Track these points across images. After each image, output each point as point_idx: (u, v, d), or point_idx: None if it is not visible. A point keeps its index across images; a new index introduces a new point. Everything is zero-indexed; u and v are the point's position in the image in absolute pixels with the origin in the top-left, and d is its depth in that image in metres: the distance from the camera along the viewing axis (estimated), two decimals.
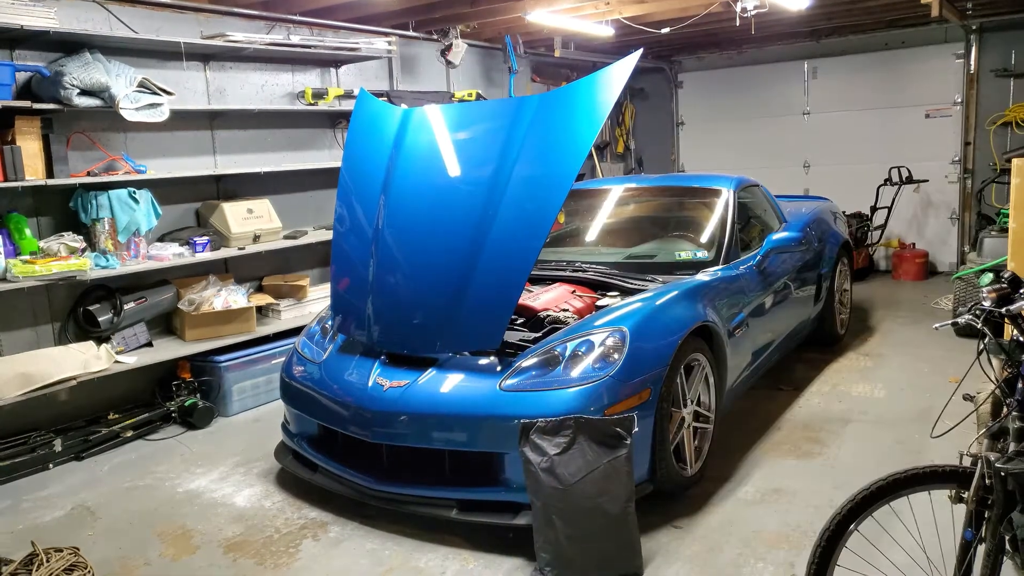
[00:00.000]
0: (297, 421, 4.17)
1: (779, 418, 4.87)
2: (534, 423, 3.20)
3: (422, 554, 3.45)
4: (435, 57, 7.72)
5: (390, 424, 3.59)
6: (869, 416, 4.84)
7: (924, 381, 5.42)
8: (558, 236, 5.47)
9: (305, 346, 4.33)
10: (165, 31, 5.52)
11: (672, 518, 3.64)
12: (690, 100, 10.93)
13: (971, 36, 8.73)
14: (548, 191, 3.76)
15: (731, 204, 5.15)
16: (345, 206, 4.38)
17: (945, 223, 9.32)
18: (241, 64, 6.17)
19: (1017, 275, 2.36)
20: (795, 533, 3.46)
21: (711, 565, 3.26)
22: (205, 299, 5.46)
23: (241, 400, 5.51)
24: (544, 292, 4.35)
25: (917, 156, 9.06)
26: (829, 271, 6.03)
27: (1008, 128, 8.65)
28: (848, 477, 3.94)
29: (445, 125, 4.33)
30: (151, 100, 5.04)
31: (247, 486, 4.27)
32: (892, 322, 7.10)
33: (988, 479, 2.08)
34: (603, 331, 3.64)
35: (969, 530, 2.15)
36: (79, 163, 5.10)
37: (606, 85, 3.85)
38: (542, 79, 9.65)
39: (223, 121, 6.03)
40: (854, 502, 2.30)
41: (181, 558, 3.52)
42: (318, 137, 6.86)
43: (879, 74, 9.36)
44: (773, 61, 10.08)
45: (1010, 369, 2.35)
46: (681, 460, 3.81)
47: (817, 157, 9.94)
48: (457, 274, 3.83)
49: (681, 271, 4.61)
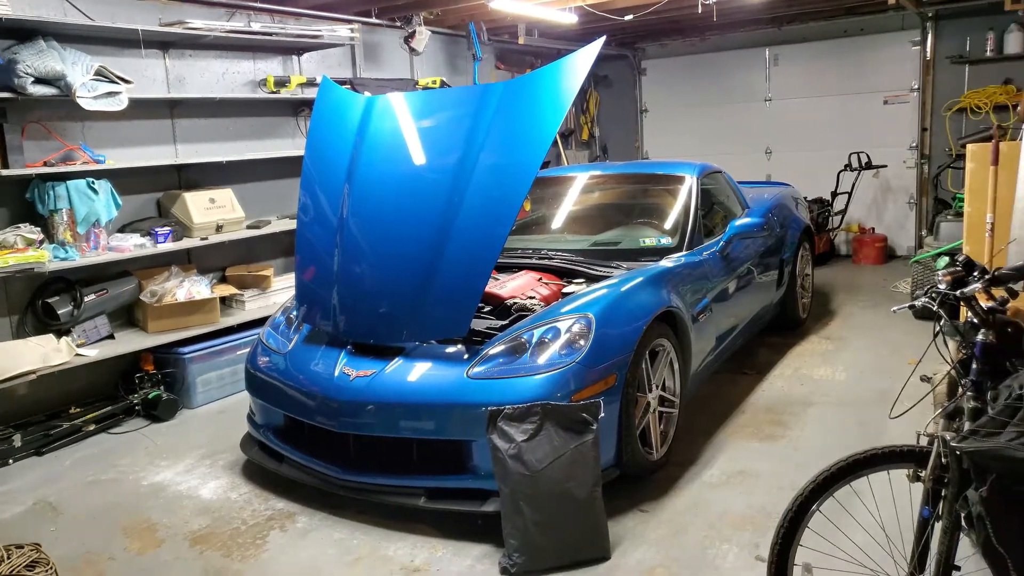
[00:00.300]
0: (263, 412, 4.14)
1: (743, 402, 4.94)
2: (501, 410, 3.22)
3: (390, 543, 3.45)
4: (399, 44, 7.67)
5: (357, 414, 3.58)
6: (830, 398, 4.92)
7: (883, 363, 5.52)
8: (524, 224, 5.47)
9: (270, 336, 4.30)
10: (122, 18, 5.40)
11: (638, 502, 3.68)
12: (653, 87, 10.97)
13: (927, 23, 8.86)
14: (513, 179, 3.77)
15: (694, 191, 5.19)
16: (309, 195, 4.34)
17: (903, 208, 9.48)
18: (201, 52, 6.08)
19: (971, 259, 2.42)
20: (759, 515, 3.52)
21: (677, 547, 3.30)
22: (167, 290, 5.39)
23: (206, 392, 5.46)
24: (510, 280, 4.36)
25: (876, 142, 9.20)
26: (791, 256, 6.12)
27: (963, 114, 8.80)
28: (810, 458, 4.01)
29: (409, 113, 4.31)
30: (109, 88, 4.95)
31: (213, 478, 4.24)
32: (853, 306, 7.21)
33: (944, 458, 2.13)
34: (569, 318, 3.66)
35: (926, 508, 2.20)
36: (35, 153, 4.99)
37: (570, 72, 3.86)
38: (506, 67, 9.62)
39: (184, 110, 5.94)
40: (816, 483, 2.35)
41: (147, 552, 3.49)
42: (281, 125, 6.78)
43: (839, 61, 9.47)
44: (735, 48, 10.15)
45: (964, 350, 2.41)
46: (647, 444, 3.85)
47: (779, 143, 10.04)
48: (423, 263, 3.82)
49: (646, 257, 4.64)
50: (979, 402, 2.31)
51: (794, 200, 6.84)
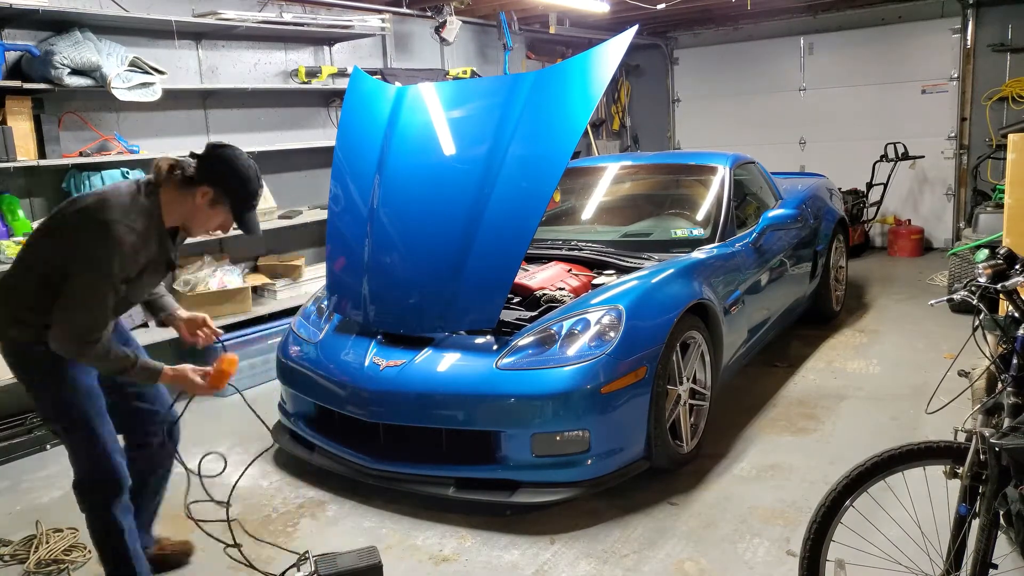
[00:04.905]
0: (294, 401, 4.17)
1: (775, 395, 4.89)
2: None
3: (419, 532, 3.46)
4: (429, 34, 7.66)
5: (387, 403, 3.59)
6: (864, 392, 4.86)
7: (919, 357, 5.43)
8: (554, 214, 5.46)
9: (301, 326, 4.32)
10: (156, 9, 5.46)
11: (668, 495, 3.66)
12: (686, 77, 10.87)
13: (968, 10, 8.67)
14: (544, 169, 3.76)
15: (727, 182, 5.13)
16: (340, 186, 4.36)
17: (941, 199, 9.31)
18: (234, 42, 6.12)
19: (1012, 251, 2.36)
20: (790, 509, 3.49)
21: (707, 541, 3.28)
22: (200, 279, 5.45)
23: (238, 380, 5.44)
24: (540, 271, 4.35)
25: (913, 132, 9.03)
26: (825, 248, 6.03)
27: (1004, 103, 8.61)
28: (843, 453, 3.96)
29: (440, 103, 4.31)
30: (143, 79, 5.00)
31: (244, 466, 4.27)
32: (887, 298, 7.11)
33: (983, 455, 2.09)
34: (599, 309, 3.64)
35: (964, 505, 2.16)
36: (71, 143, 5.06)
37: (602, 62, 3.83)
38: (537, 56, 9.58)
39: (216, 100, 5.99)
40: (849, 478, 2.31)
41: (179, 537, 3.53)
42: (312, 116, 6.81)
43: (875, 49, 9.31)
44: (769, 37, 10.01)
45: (1005, 345, 2.36)
46: (677, 437, 3.82)
47: (813, 134, 9.90)
48: (453, 253, 3.82)
49: (677, 249, 4.60)
50: (1019, 398, 2.26)
51: (828, 191, 6.74)
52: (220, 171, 2.66)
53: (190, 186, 2.65)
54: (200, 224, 2.76)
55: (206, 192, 2.65)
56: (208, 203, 2.67)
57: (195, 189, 2.65)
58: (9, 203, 4.73)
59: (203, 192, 2.65)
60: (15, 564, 3.35)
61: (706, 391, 4.05)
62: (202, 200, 2.66)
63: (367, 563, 2.89)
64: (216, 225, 2.78)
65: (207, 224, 2.77)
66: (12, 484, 4.21)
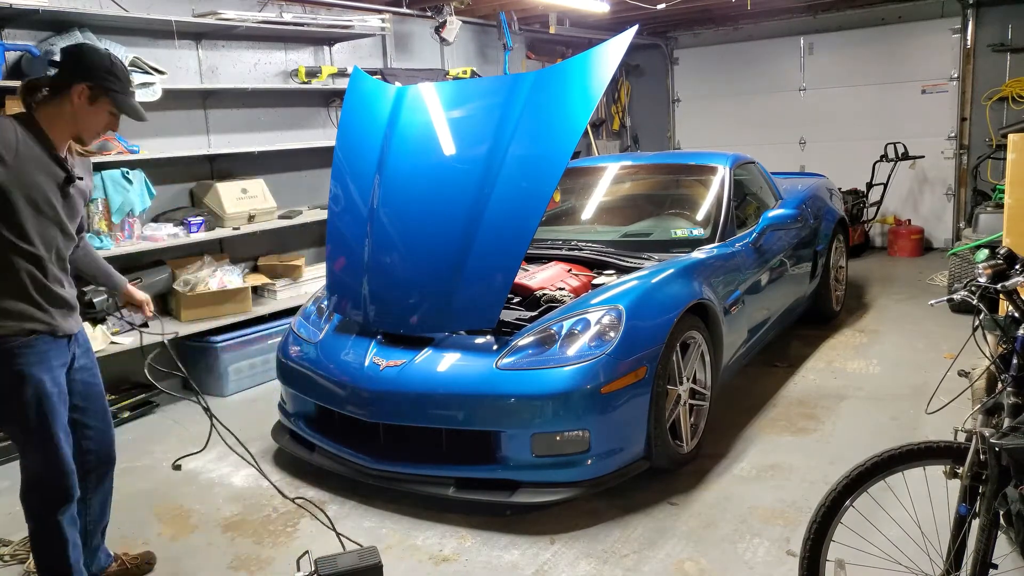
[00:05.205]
0: (294, 401, 4.17)
1: (775, 395, 4.89)
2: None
3: (419, 532, 3.47)
4: (429, 34, 7.66)
5: (387, 403, 3.59)
6: (864, 392, 4.86)
7: (919, 357, 5.43)
8: (554, 214, 5.46)
9: (301, 326, 4.32)
10: (156, 9, 5.45)
11: (668, 495, 3.66)
12: (686, 77, 10.87)
13: (968, 10, 8.67)
14: (544, 169, 3.75)
15: (727, 182, 5.13)
16: (340, 186, 4.36)
17: (941, 199, 9.31)
18: (234, 42, 6.12)
19: (1013, 251, 2.36)
20: (790, 509, 3.49)
21: (707, 541, 3.28)
22: (201, 279, 5.45)
23: (238, 380, 5.52)
24: (540, 271, 4.35)
25: (913, 132, 9.03)
26: (825, 248, 6.03)
27: (1004, 103, 8.61)
28: (843, 453, 3.96)
29: (440, 103, 4.31)
30: (143, 79, 5.00)
31: (244, 466, 4.25)
32: (887, 298, 7.11)
33: (983, 454, 2.09)
34: (599, 309, 3.64)
35: (964, 505, 2.16)
36: None
37: (602, 62, 3.83)
38: (537, 56, 9.58)
39: (216, 100, 5.99)
40: (849, 478, 2.31)
41: (179, 537, 3.54)
42: (312, 116, 6.81)
43: (875, 49, 9.31)
44: (769, 37, 10.01)
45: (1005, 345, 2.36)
46: (677, 437, 3.82)
47: (813, 133, 9.90)
48: (453, 253, 3.82)
49: (677, 249, 4.60)
50: (1019, 398, 2.26)
51: (828, 191, 6.74)
52: (86, 64, 2.59)
53: (62, 92, 2.57)
54: (88, 126, 2.66)
55: (81, 91, 2.56)
56: (87, 100, 2.59)
57: (69, 93, 2.57)
58: None
59: (78, 92, 2.56)
60: (15, 564, 3.35)
61: (706, 391, 4.05)
62: (80, 99, 2.58)
63: (367, 563, 2.89)
64: (104, 124, 2.70)
65: (95, 124, 2.67)
66: (12, 484, 4.19)
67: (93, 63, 2.61)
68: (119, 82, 2.65)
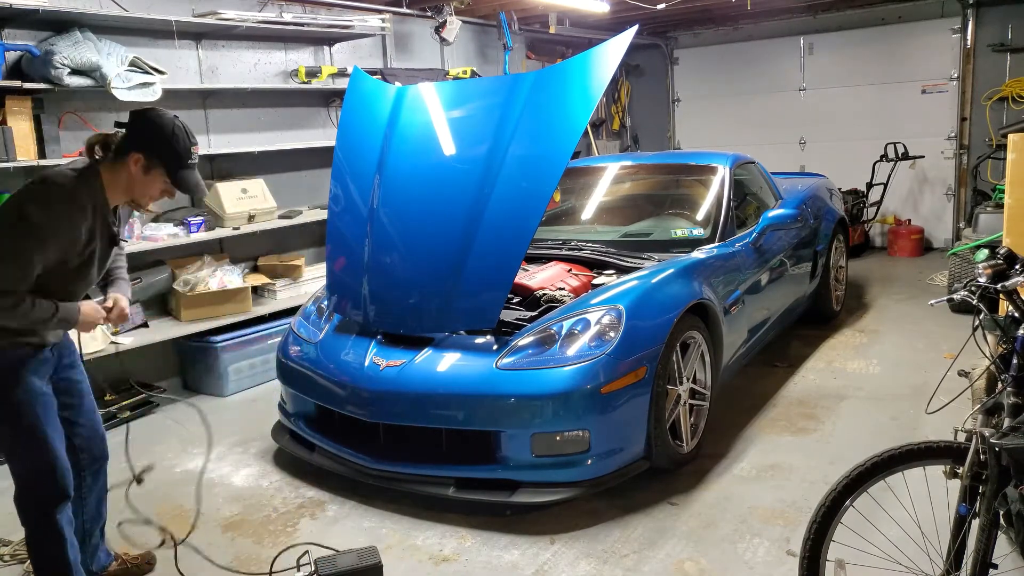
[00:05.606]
0: (294, 401, 4.17)
1: (775, 395, 4.89)
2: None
3: (419, 532, 3.46)
4: (429, 34, 7.66)
5: (387, 403, 3.59)
6: (864, 392, 4.85)
7: (919, 357, 5.43)
8: (554, 214, 5.46)
9: (301, 326, 4.32)
10: (156, 9, 5.45)
11: (668, 495, 3.66)
12: (686, 77, 10.87)
13: (968, 10, 8.67)
14: (544, 169, 3.76)
15: (727, 181, 5.13)
16: (340, 186, 4.36)
17: (941, 199, 9.31)
18: (234, 42, 6.12)
19: (1013, 251, 2.36)
20: (790, 509, 3.49)
21: (707, 541, 3.28)
22: (200, 279, 5.45)
23: (238, 380, 5.51)
24: (540, 271, 4.35)
25: (913, 132, 9.03)
26: (825, 248, 6.03)
27: (1004, 103, 8.61)
28: (843, 453, 3.96)
29: (440, 103, 4.31)
30: (143, 79, 4.99)
31: (244, 466, 4.28)
32: (887, 298, 7.11)
33: (983, 454, 2.09)
34: (599, 309, 3.64)
35: (964, 505, 2.16)
36: (71, 143, 5.06)
37: (602, 62, 3.83)
38: (537, 56, 9.58)
39: (216, 100, 5.98)
40: (849, 478, 2.31)
41: (180, 537, 3.53)
42: (312, 116, 6.81)
43: (875, 49, 9.30)
44: (769, 37, 10.01)
45: (1005, 345, 2.36)
46: (677, 437, 3.82)
47: (813, 133, 9.90)
48: (453, 253, 3.82)
49: (677, 249, 4.60)
50: (1019, 398, 2.26)
51: (828, 191, 6.74)
52: (145, 135, 2.62)
53: (122, 157, 2.62)
54: (142, 193, 2.69)
55: (137, 159, 2.61)
56: (142, 170, 2.63)
57: (127, 159, 2.61)
58: None
59: (134, 160, 2.61)
60: (15, 564, 3.35)
61: (706, 391, 4.05)
62: (135, 168, 2.62)
63: (367, 563, 2.89)
64: (159, 191, 2.71)
65: (148, 191, 2.70)
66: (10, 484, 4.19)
67: (153, 132, 2.62)
68: (176, 154, 2.65)
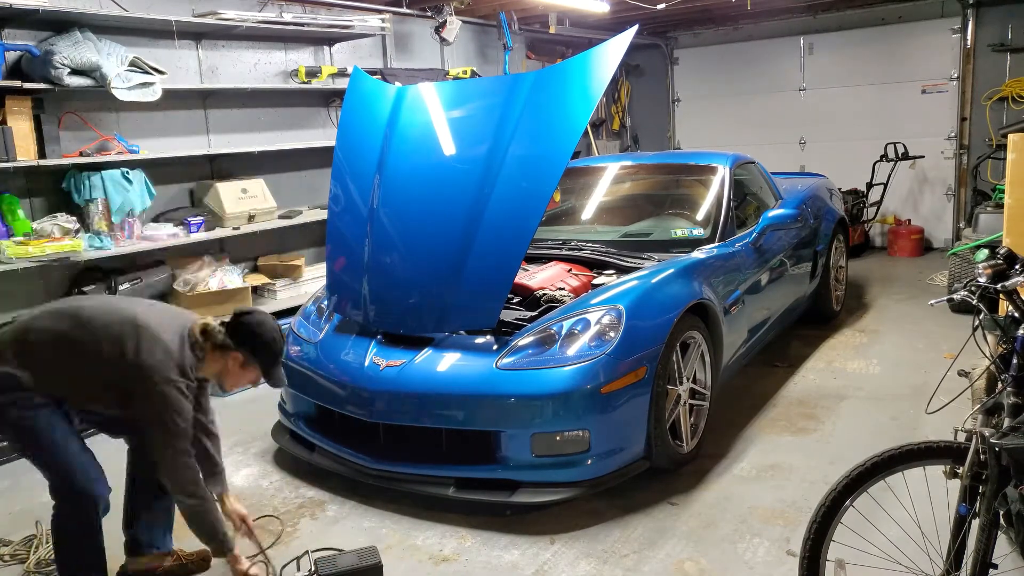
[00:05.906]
0: (294, 401, 4.17)
1: (775, 395, 4.89)
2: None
3: (419, 532, 3.46)
4: (429, 34, 7.66)
5: (387, 403, 3.59)
6: (864, 392, 4.85)
7: (919, 357, 5.43)
8: (554, 214, 5.45)
9: (301, 326, 4.32)
10: (156, 9, 5.46)
11: (668, 495, 3.66)
12: (686, 77, 10.87)
13: (968, 10, 8.67)
14: (544, 169, 3.75)
15: (727, 181, 5.13)
16: (340, 186, 4.36)
17: (941, 199, 9.31)
18: (234, 42, 6.12)
19: (1012, 251, 2.36)
20: (790, 509, 3.49)
21: (707, 541, 3.28)
22: (201, 279, 5.45)
23: None
24: (540, 271, 4.35)
25: (913, 132, 9.02)
26: (825, 248, 6.03)
27: (1004, 103, 8.61)
28: (843, 453, 3.96)
29: (440, 103, 4.31)
30: (143, 79, 5.00)
31: (244, 466, 4.28)
32: (887, 298, 7.11)
33: (983, 454, 2.09)
34: (599, 309, 3.64)
35: (964, 505, 2.16)
36: (71, 143, 5.06)
37: (602, 62, 3.83)
38: (537, 56, 9.58)
39: (216, 100, 5.99)
40: (849, 478, 2.31)
41: (179, 537, 3.53)
42: (312, 116, 6.81)
43: (876, 50, 9.30)
44: (769, 37, 10.01)
45: (1005, 345, 2.36)
46: (677, 437, 3.82)
47: (813, 133, 9.90)
48: (453, 253, 3.82)
49: (677, 249, 4.60)
50: (1019, 398, 2.26)
51: (828, 191, 6.74)
52: (248, 339, 2.95)
53: (223, 350, 2.94)
54: (233, 383, 3.05)
55: (237, 357, 2.95)
56: (240, 365, 2.97)
57: (228, 353, 2.94)
58: (9, 203, 4.73)
59: (235, 357, 2.95)
60: (15, 564, 3.35)
61: (706, 391, 4.05)
62: (234, 364, 2.96)
63: (367, 563, 2.89)
64: (248, 381, 3.09)
65: (240, 382, 3.07)
66: (12, 484, 4.21)
67: (255, 339, 2.95)
68: (273, 357, 3.02)
